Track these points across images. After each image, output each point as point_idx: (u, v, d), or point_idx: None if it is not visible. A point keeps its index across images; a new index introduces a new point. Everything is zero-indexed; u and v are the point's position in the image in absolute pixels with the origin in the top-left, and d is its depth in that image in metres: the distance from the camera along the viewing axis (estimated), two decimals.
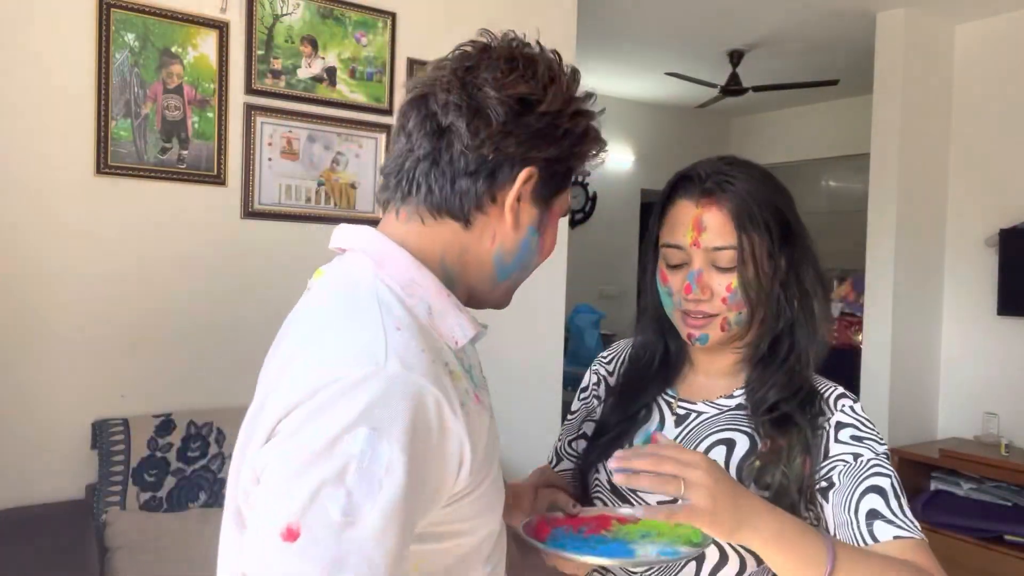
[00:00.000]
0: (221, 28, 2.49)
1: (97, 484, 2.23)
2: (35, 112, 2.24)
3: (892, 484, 0.89)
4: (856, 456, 0.91)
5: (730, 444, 0.96)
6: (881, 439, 0.95)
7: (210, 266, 2.51)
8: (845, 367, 3.75)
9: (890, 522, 0.85)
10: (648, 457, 0.76)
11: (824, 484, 0.92)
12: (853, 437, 0.93)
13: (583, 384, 1.18)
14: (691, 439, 0.99)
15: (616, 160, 5.99)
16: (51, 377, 2.28)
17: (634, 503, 0.96)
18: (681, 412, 1.03)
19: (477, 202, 0.74)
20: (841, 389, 0.99)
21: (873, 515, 0.86)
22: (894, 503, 0.87)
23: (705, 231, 0.95)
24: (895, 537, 0.84)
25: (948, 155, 3.98)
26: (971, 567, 3.32)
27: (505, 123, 0.73)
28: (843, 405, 0.96)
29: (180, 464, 2.31)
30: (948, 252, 4.00)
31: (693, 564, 0.93)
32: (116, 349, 2.37)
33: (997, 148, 3.81)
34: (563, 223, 3.30)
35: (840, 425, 0.94)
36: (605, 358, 1.18)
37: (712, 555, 0.93)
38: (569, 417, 1.17)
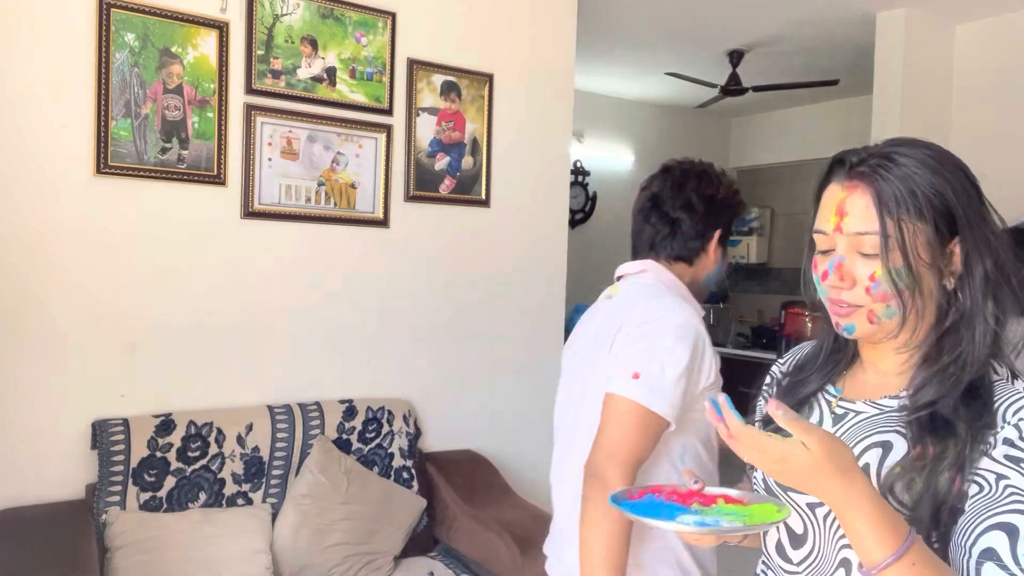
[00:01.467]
0: (221, 28, 2.49)
1: (97, 484, 2.23)
2: (35, 112, 2.24)
3: None
4: (1000, 479, 0.78)
5: (886, 447, 0.87)
6: None
7: (210, 266, 2.51)
8: None
9: (1004, 567, 0.74)
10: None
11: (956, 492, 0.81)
12: (1008, 457, 0.79)
13: (763, 387, 1.16)
14: (848, 438, 0.92)
15: (616, 160, 5.99)
16: (51, 377, 2.28)
17: (784, 502, 0.92)
18: (839, 411, 0.97)
19: (697, 252, 1.52)
20: (1021, 396, 0.84)
21: (988, 555, 0.75)
22: (1022, 548, 0.74)
23: (848, 216, 0.89)
24: None
25: None
26: None
27: (704, 211, 1.50)
28: (1020, 420, 0.81)
29: (180, 464, 2.31)
30: None
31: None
32: (116, 349, 2.37)
33: (997, 148, 3.81)
34: (563, 224, 3.31)
35: (1006, 440, 0.80)
36: (782, 360, 1.15)
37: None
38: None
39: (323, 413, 2.58)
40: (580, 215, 5.74)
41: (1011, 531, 0.75)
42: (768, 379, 1.14)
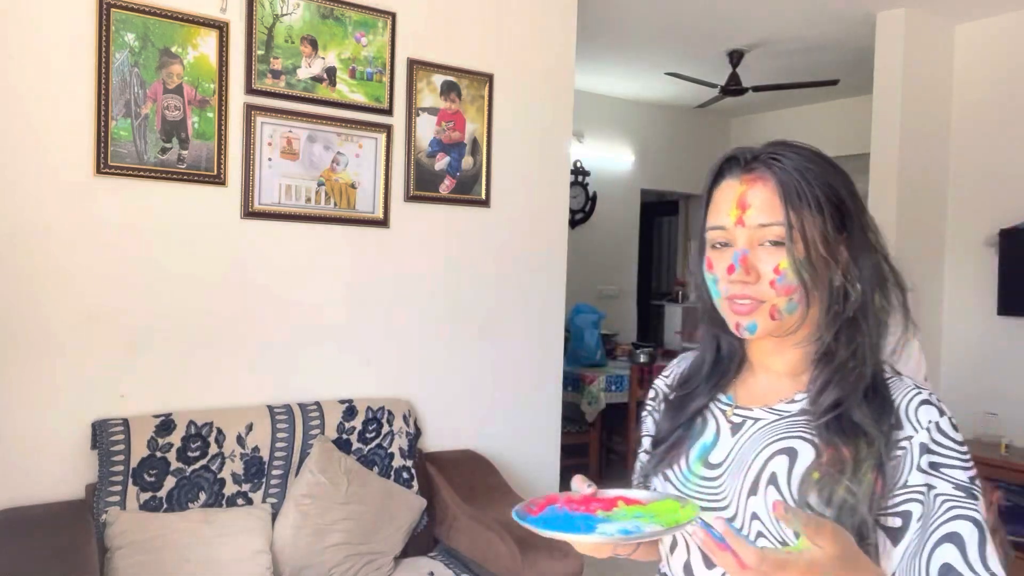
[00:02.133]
0: (221, 28, 2.49)
1: (97, 484, 2.23)
2: (35, 112, 2.24)
3: (973, 527, 0.77)
4: (930, 490, 0.79)
5: (792, 454, 0.85)
6: (967, 461, 0.81)
7: (210, 266, 2.51)
8: None
9: None
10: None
11: (894, 523, 0.80)
12: (931, 464, 0.81)
13: (647, 398, 1.12)
14: (748, 450, 0.89)
15: (616, 160, 5.99)
16: (51, 377, 2.28)
17: (686, 497, 0.89)
18: (736, 420, 0.94)
19: None
20: (925, 394, 0.86)
21: (945, 570, 0.76)
22: (973, 552, 0.76)
23: (750, 208, 0.87)
24: None
25: (948, 155, 3.99)
26: None
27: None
28: (929, 421, 0.83)
29: (180, 464, 2.31)
30: (948, 252, 4.00)
31: None
32: (116, 349, 2.37)
33: (997, 148, 3.81)
34: (563, 224, 3.31)
35: (923, 448, 0.81)
36: (666, 373, 1.11)
37: None
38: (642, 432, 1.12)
39: (323, 413, 2.58)
40: (580, 215, 5.74)
41: (958, 540, 0.76)
42: (653, 394, 1.09)
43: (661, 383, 1.10)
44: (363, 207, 2.78)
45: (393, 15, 2.82)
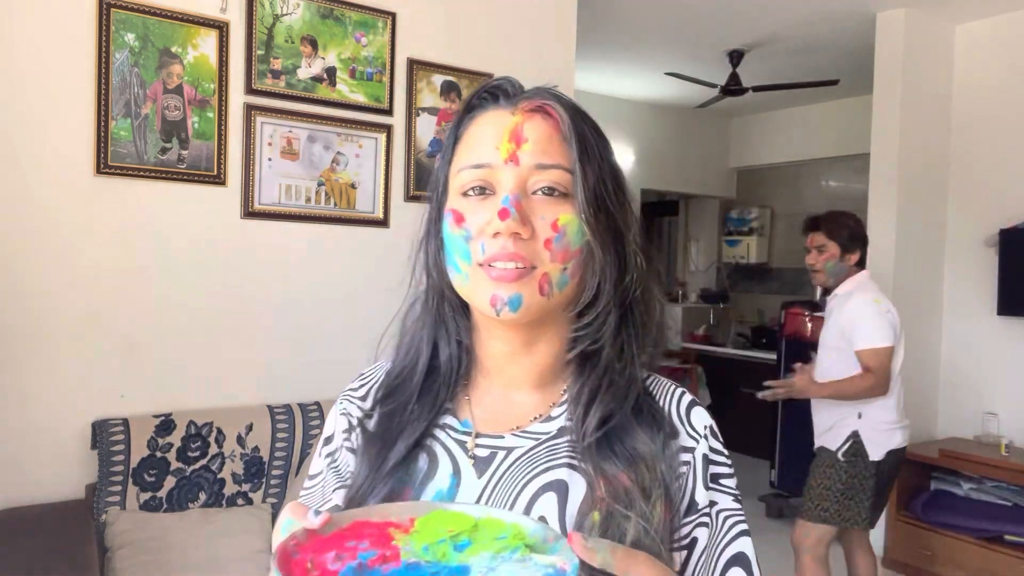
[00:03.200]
0: (221, 28, 2.49)
1: (97, 484, 2.23)
2: (35, 112, 2.24)
3: (750, 541, 0.69)
4: (712, 506, 0.69)
5: (560, 488, 0.66)
6: (731, 465, 0.71)
7: (210, 266, 2.51)
8: None
9: None
10: None
11: (679, 556, 0.68)
12: (712, 477, 0.69)
13: (326, 433, 0.78)
14: (504, 492, 0.67)
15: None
16: (51, 377, 2.28)
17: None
18: (483, 453, 0.69)
19: None
20: (687, 392, 0.73)
21: None
22: (757, 571, 0.69)
23: (528, 143, 0.67)
24: None
25: (948, 155, 3.99)
26: (971, 567, 3.32)
27: None
28: (704, 426, 0.71)
29: (180, 464, 2.31)
30: (948, 252, 4.00)
31: None
32: (116, 349, 2.37)
33: (997, 148, 3.81)
34: None
35: (705, 460, 0.69)
36: (354, 387, 0.80)
37: None
38: (308, 484, 0.77)
39: (323, 413, 2.58)
40: None
41: (744, 562, 0.68)
42: (345, 424, 0.77)
43: (351, 407, 0.78)
44: (363, 207, 2.78)
45: (393, 15, 2.82)
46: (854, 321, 2.60)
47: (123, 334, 2.38)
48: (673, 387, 0.73)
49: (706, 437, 0.70)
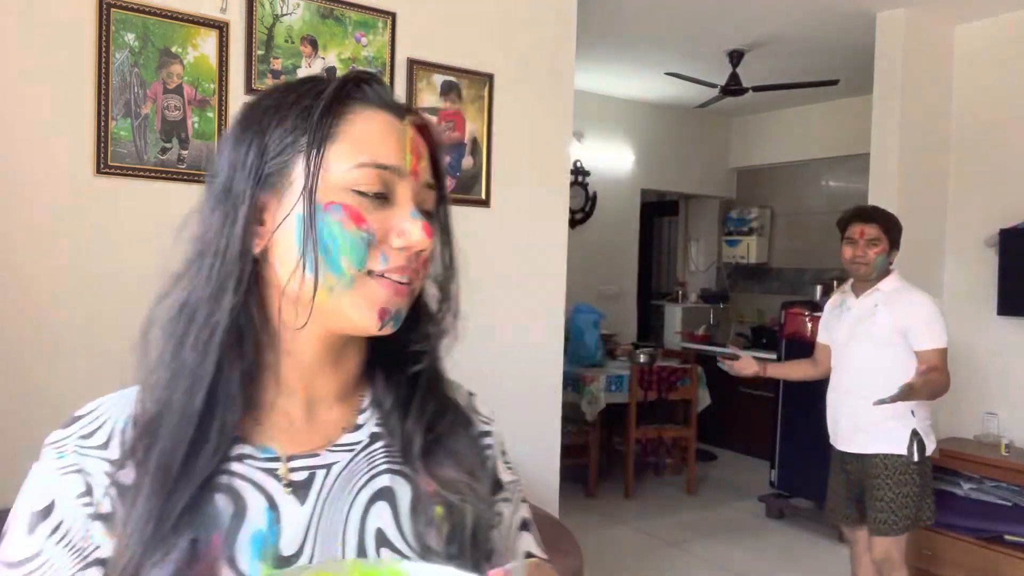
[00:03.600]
0: (221, 28, 2.49)
1: None
2: (35, 112, 2.24)
3: (528, 506, 0.76)
4: (513, 483, 0.77)
5: (388, 495, 0.66)
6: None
7: None
8: None
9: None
10: None
11: (495, 521, 0.72)
12: (503, 454, 0.77)
13: (38, 504, 0.66)
14: (332, 513, 0.64)
15: (616, 160, 5.99)
16: (51, 377, 2.28)
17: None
18: (300, 477, 0.64)
19: None
20: (458, 382, 0.79)
21: (527, 557, 0.73)
22: (538, 535, 0.75)
23: (422, 159, 0.67)
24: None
25: (948, 155, 3.99)
26: (971, 567, 3.33)
27: None
28: (490, 412, 0.78)
29: None
30: (948, 252, 4.00)
31: None
32: (116, 349, 2.36)
33: (997, 148, 3.81)
34: (563, 224, 3.30)
35: (499, 443, 0.77)
36: (87, 439, 0.70)
37: None
38: (12, 574, 0.62)
39: None
40: (580, 215, 5.74)
41: (530, 526, 0.75)
42: (80, 486, 0.66)
43: (89, 460, 0.67)
44: None
45: (393, 15, 2.82)
46: (919, 319, 2.60)
47: (123, 334, 2.37)
48: (451, 380, 0.77)
49: (493, 420, 0.77)
